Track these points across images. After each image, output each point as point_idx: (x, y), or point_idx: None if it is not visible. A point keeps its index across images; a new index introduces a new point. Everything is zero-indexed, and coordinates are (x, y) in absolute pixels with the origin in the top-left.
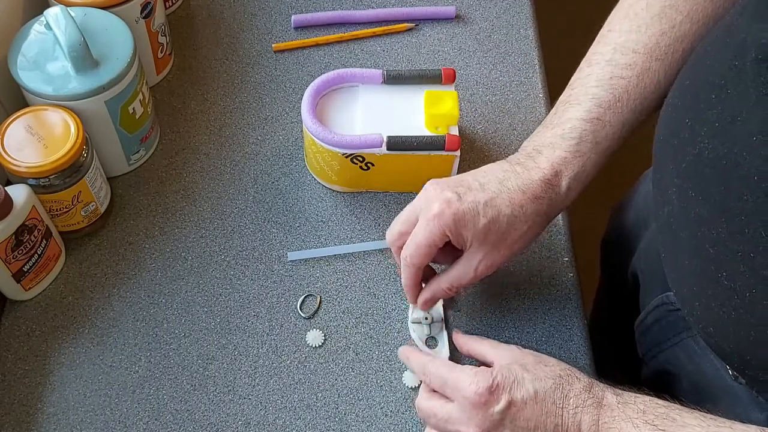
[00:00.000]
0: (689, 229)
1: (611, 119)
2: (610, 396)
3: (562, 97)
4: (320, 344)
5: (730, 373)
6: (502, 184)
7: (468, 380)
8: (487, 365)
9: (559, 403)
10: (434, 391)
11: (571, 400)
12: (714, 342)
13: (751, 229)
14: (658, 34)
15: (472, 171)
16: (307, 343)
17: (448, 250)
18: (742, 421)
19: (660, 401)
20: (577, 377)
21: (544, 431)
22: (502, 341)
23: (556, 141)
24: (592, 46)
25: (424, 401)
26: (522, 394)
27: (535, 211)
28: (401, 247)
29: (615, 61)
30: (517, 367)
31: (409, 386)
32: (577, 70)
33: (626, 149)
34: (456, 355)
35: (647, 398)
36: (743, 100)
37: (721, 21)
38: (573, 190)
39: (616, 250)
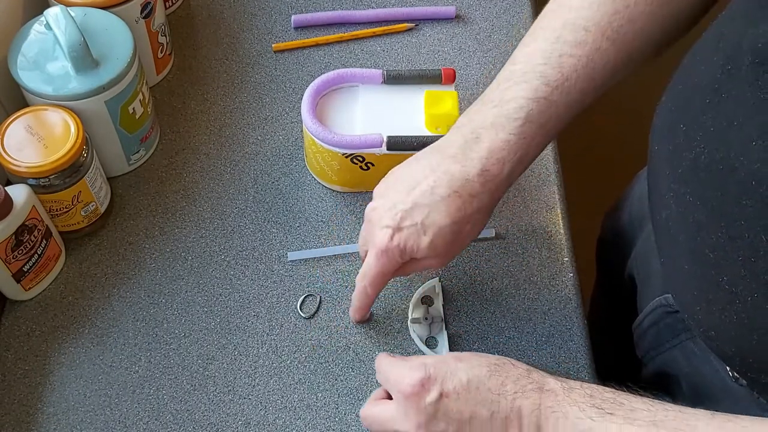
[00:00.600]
0: (688, 234)
1: (558, 99)
2: (553, 382)
3: (503, 74)
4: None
5: (731, 374)
6: (435, 193)
7: (403, 374)
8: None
9: (495, 390)
10: (381, 399)
11: (509, 386)
12: (716, 345)
13: (751, 233)
14: (611, 13)
15: (403, 173)
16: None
17: None
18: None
19: (607, 388)
20: (513, 364)
21: (480, 421)
22: (501, 341)
23: (500, 121)
24: (537, 20)
25: (367, 410)
26: (454, 384)
27: (476, 209)
28: None
29: (564, 38)
30: (451, 359)
31: None
32: (521, 44)
33: (624, 150)
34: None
35: (594, 386)
36: (739, 104)
37: (710, 26)
38: (516, 173)
39: (612, 250)
